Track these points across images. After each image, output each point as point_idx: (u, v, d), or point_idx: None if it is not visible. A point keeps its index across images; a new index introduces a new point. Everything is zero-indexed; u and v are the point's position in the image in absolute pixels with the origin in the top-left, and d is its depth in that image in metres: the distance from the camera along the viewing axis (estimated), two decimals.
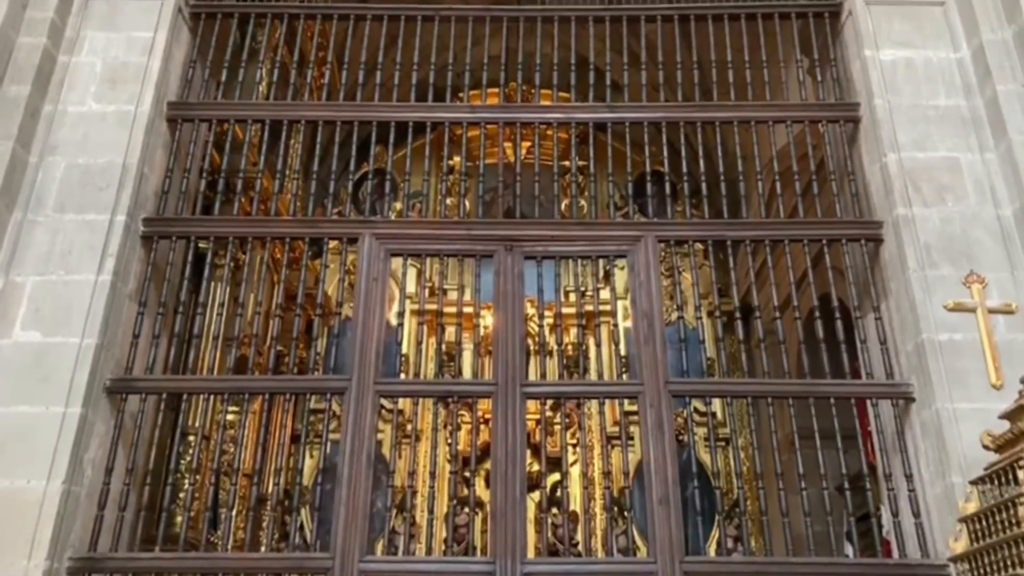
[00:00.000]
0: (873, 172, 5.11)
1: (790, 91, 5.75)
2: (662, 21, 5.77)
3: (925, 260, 4.67)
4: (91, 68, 5.20)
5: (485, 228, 5.27)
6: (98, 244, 4.70)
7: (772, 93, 5.60)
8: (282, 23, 5.83)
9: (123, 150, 4.95)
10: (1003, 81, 4.97)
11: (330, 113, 5.61)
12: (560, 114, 5.77)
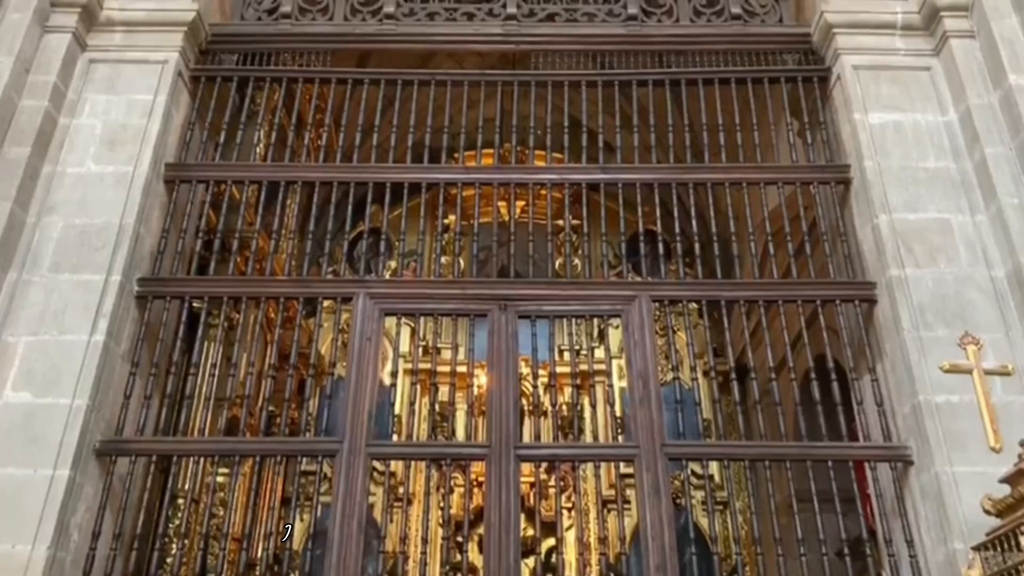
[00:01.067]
0: (865, 233, 5.16)
1: (781, 153, 5.85)
2: (653, 85, 5.88)
3: (919, 321, 4.68)
4: (91, 130, 5.27)
5: (479, 287, 5.29)
6: (92, 304, 4.70)
7: (763, 155, 5.68)
8: (281, 86, 5.93)
9: (120, 211, 4.99)
10: (991, 144, 5.05)
11: (327, 174, 5.67)
12: (554, 175, 5.84)
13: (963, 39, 5.41)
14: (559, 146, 5.90)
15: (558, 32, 6.00)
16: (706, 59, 5.90)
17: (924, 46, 5.56)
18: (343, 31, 5.98)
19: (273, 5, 6.04)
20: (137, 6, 5.67)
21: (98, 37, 5.59)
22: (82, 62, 5.49)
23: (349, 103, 5.85)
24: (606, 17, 6.02)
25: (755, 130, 5.68)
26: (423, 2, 6.06)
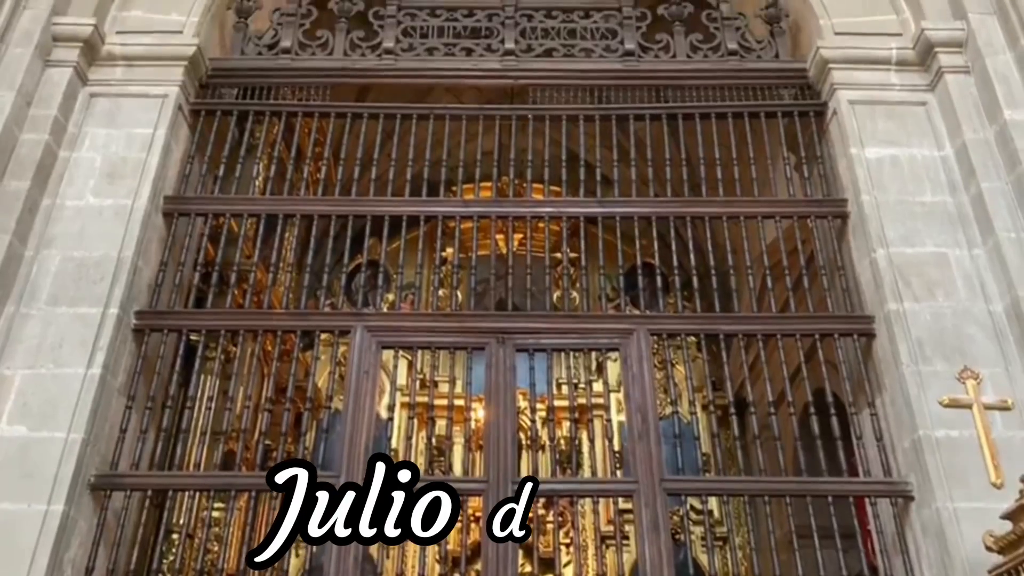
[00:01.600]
0: (863, 267, 5.19)
1: (778, 187, 5.90)
2: (651, 119, 5.95)
3: (918, 355, 4.70)
4: (91, 163, 5.31)
5: (477, 320, 5.32)
6: (89, 337, 4.72)
7: (760, 188, 5.73)
8: (280, 120, 6.00)
9: (119, 243, 5.02)
10: (987, 179, 5.10)
11: (325, 207, 5.72)
12: (551, 208, 5.89)
13: (958, 75, 5.49)
14: (557, 179, 5.96)
15: (556, 67, 6.08)
16: (703, 94, 5.98)
17: (919, 81, 5.63)
18: (343, 66, 6.06)
19: (273, 40, 6.12)
20: (138, 41, 5.75)
21: (99, 71, 5.66)
22: (83, 96, 5.55)
23: (348, 136, 5.91)
24: (603, 53, 6.10)
25: (752, 164, 5.74)
26: (422, 37, 6.14)
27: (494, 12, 6.23)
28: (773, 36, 6.16)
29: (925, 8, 5.72)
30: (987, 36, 5.46)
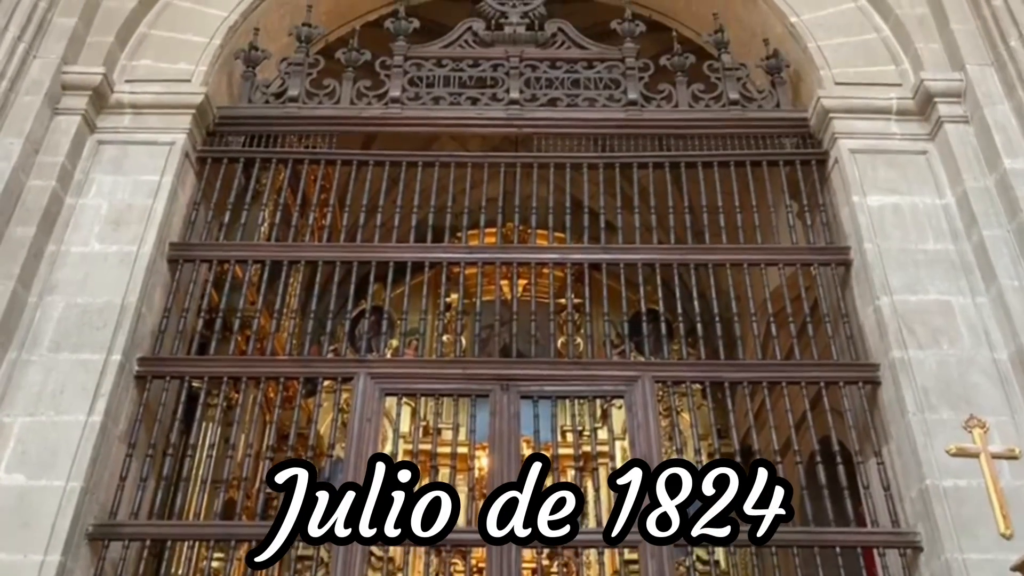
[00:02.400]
0: (867, 314, 5.21)
1: (780, 234, 5.94)
2: (653, 167, 6.02)
3: (924, 403, 4.69)
4: (96, 210, 5.36)
5: (481, 367, 5.31)
6: (91, 384, 4.71)
7: (763, 236, 5.77)
8: (286, 167, 6.07)
9: (123, 290, 5.04)
10: (989, 227, 5.14)
11: (330, 254, 5.76)
12: (556, 254, 5.93)
13: (957, 124, 5.57)
14: (561, 226, 6.00)
15: (560, 116, 6.17)
16: (705, 142, 6.06)
17: (919, 131, 5.71)
18: (349, 114, 6.14)
19: (280, 89, 6.22)
20: (147, 89, 5.85)
21: (107, 119, 5.74)
22: (90, 143, 5.62)
23: (354, 183, 5.97)
24: (607, 102, 6.19)
25: (755, 211, 5.79)
26: (428, 87, 6.24)
27: (499, 63, 6.34)
28: (774, 86, 6.25)
29: (924, 59, 5.83)
30: (985, 87, 5.55)
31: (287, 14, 6.68)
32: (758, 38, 6.52)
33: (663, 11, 7.24)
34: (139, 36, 6.13)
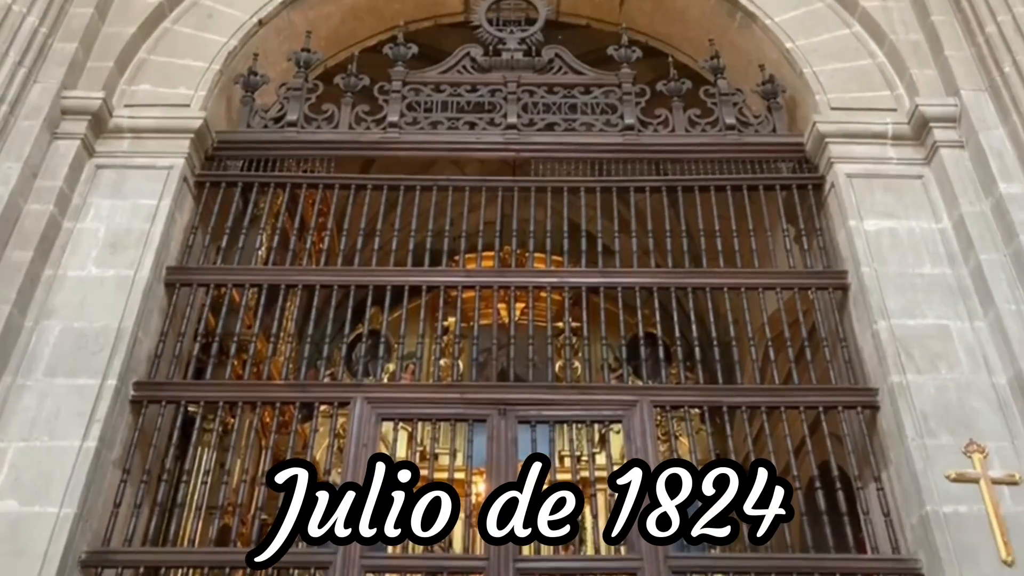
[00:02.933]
0: (865, 339, 5.19)
1: (778, 258, 5.94)
2: (651, 191, 6.02)
3: (923, 428, 4.66)
4: (94, 234, 5.35)
5: (478, 391, 5.28)
6: (86, 409, 4.68)
7: (760, 260, 5.77)
8: (284, 191, 6.08)
9: (119, 314, 5.02)
10: (985, 251, 5.14)
11: (327, 277, 5.74)
12: (553, 278, 5.92)
13: (953, 149, 5.59)
14: (559, 249, 6.00)
15: (557, 140, 6.19)
16: (702, 167, 6.07)
17: (915, 155, 5.73)
18: (348, 139, 6.16)
19: (279, 114, 6.24)
20: (146, 114, 5.86)
21: (106, 143, 5.75)
22: (89, 167, 5.63)
23: (352, 207, 5.97)
24: (604, 127, 6.22)
25: (752, 236, 5.80)
26: (426, 112, 6.27)
27: (497, 88, 6.37)
28: (770, 111, 6.28)
29: (919, 84, 5.86)
30: (980, 112, 5.58)
31: (286, 40, 6.72)
32: (754, 64, 6.57)
33: (659, 37, 7.31)
34: (138, 61, 6.17)
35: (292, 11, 6.69)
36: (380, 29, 7.24)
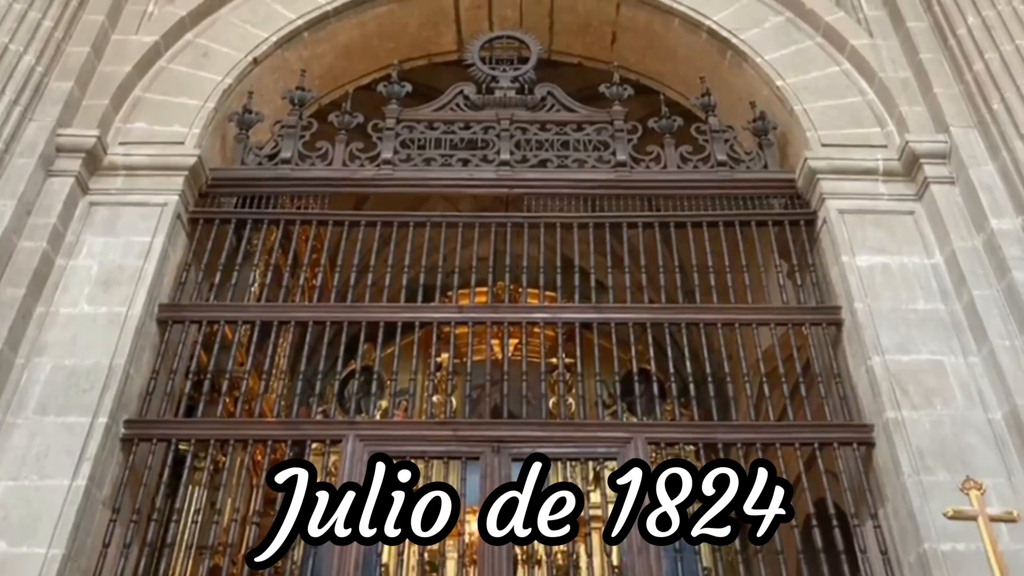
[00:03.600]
0: (859, 374, 5.21)
1: (771, 294, 5.98)
2: (643, 227, 6.08)
3: (919, 465, 4.66)
4: (87, 271, 5.37)
5: (471, 428, 5.27)
6: (76, 448, 4.66)
7: (754, 295, 5.81)
8: (278, 227, 6.11)
9: (111, 351, 5.02)
10: (978, 286, 5.18)
11: (320, 314, 5.76)
12: (547, 314, 5.93)
13: (943, 185, 5.66)
14: (552, 285, 6.03)
15: (550, 177, 6.25)
16: (694, 203, 6.13)
17: (906, 191, 5.80)
18: (341, 176, 6.22)
19: (274, 151, 6.30)
20: (140, 151, 5.91)
21: (100, 180, 5.79)
22: (83, 204, 5.66)
23: (345, 243, 6.01)
24: (596, 163, 6.29)
25: (745, 271, 5.84)
26: (420, 149, 6.33)
27: (490, 125, 6.45)
28: (761, 147, 6.36)
29: (908, 121, 5.95)
30: (969, 148, 5.66)
31: (281, 78, 6.81)
32: (744, 101, 6.66)
33: (650, 75, 7.42)
34: (134, 99, 6.23)
35: (287, 50, 6.79)
36: (374, 68, 7.34)
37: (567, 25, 7.44)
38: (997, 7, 6.03)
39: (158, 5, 6.70)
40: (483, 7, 7.32)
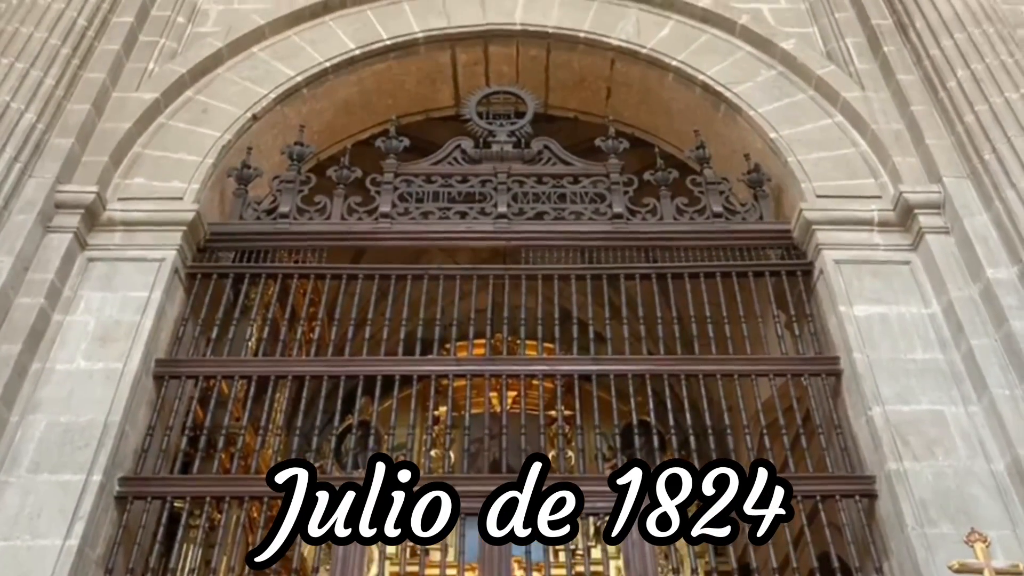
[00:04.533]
0: (860, 425, 5.23)
1: (769, 344, 6.02)
2: (640, 278, 6.14)
3: (923, 517, 4.65)
4: (84, 327, 5.40)
5: (470, 483, 5.24)
6: (69, 506, 4.64)
7: (752, 346, 5.85)
8: (276, 282, 6.17)
9: (107, 408, 5.03)
10: (976, 336, 5.23)
11: (318, 368, 5.79)
12: (545, 366, 5.97)
13: (939, 235, 5.75)
14: (550, 336, 6.08)
15: (547, 229, 6.34)
16: (691, 254, 6.21)
17: (902, 241, 5.88)
18: (340, 229, 6.30)
19: (272, 205, 6.40)
20: (139, 207, 6.00)
21: (98, 236, 5.86)
22: (81, 260, 5.72)
23: (343, 297, 6.06)
24: (592, 215, 6.38)
25: (743, 322, 5.89)
26: (417, 202, 6.43)
27: (487, 178, 6.56)
28: (757, 199, 6.46)
29: (902, 172, 6.06)
30: (963, 199, 5.76)
31: (280, 133, 6.94)
32: (738, 153, 6.79)
33: (645, 128, 7.57)
34: (133, 155, 6.34)
35: (286, 106, 6.93)
36: (372, 123, 7.49)
37: (563, 81, 7.61)
38: (986, 60, 6.20)
39: (159, 63, 6.86)
40: (480, 64, 7.49)
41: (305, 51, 7.12)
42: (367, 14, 7.37)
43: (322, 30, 7.27)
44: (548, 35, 7.36)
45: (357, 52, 7.15)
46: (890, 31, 6.92)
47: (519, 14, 7.38)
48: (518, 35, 7.38)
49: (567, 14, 7.38)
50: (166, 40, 7.03)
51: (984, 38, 6.35)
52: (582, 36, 7.31)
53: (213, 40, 7.03)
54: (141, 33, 7.02)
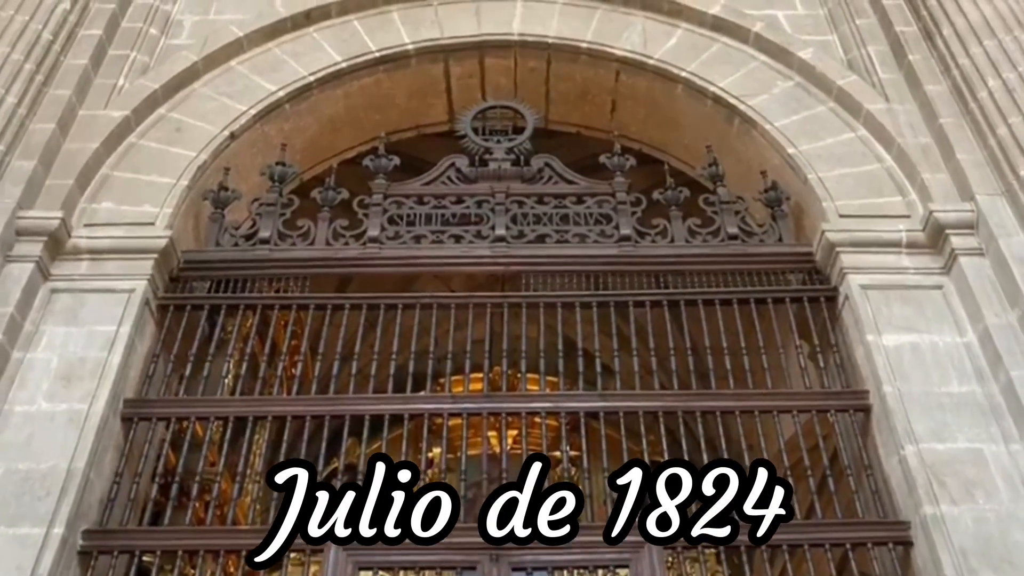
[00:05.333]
0: (892, 465, 5.13)
1: (792, 377, 5.92)
2: (651, 305, 6.05)
3: (963, 566, 4.54)
4: (46, 364, 5.31)
5: (467, 534, 5.12)
6: (28, 563, 4.52)
7: (773, 379, 5.75)
8: (255, 313, 6.07)
9: (70, 454, 4.92)
10: (1016, 367, 5.14)
11: (300, 407, 5.69)
12: (548, 403, 5.85)
13: (972, 257, 5.67)
14: (553, 369, 5.99)
15: (549, 253, 6.26)
16: (705, 279, 6.12)
17: (933, 264, 5.81)
18: (324, 255, 6.23)
19: (251, 231, 6.33)
20: (107, 234, 5.93)
21: (63, 265, 5.77)
22: (43, 291, 5.63)
23: (328, 329, 5.98)
24: (598, 238, 6.31)
25: (763, 353, 5.79)
26: (409, 225, 6.36)
27: (484, 199, 6.49)
28: (775, 219, 6.40)
29: (931, 190, 5.99)
30: (998, 217, 5.69)
31: (260, 153, 6.88)
32: (754, 170, 6.74)
33: (653, 144, 7.52)
34: (101, 178, 6.27)
35: (266, 123, 6.88)
36: (360, 140, 7.44)
37: (564, 94, 7.57)
38: (1018, 69, 6.15)
39: (129, 78, 6.82)
40: (475, 76, 7.46)
41: (287, 64, 7.08)
42: (354, 24, 7.35)
43: (305, 42, 7.24)
44: (548, 45, 7.33)
45: (344, 65, 7.12)
46: (915, 38, 6.88)
47: (517, 24, 7.36)
48: (516, 46, 7.35)
49: (568, 23, 7.35)
50: (137, 54, 6.98)
51: (1016, 45, 6.30)
52: (584, 46, 7.28)
53: (188, 53, 6.99)
54: (111, 47, 6.98)
